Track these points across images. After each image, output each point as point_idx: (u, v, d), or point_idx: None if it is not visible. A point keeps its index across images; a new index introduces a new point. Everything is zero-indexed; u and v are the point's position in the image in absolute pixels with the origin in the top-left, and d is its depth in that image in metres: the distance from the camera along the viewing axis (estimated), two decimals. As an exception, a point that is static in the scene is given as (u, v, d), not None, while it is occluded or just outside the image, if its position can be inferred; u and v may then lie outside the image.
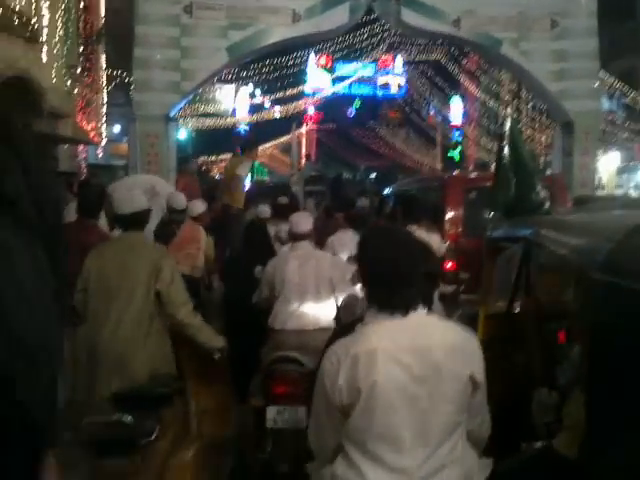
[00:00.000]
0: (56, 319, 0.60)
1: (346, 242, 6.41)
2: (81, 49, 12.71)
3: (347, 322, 4.46)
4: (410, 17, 13.88)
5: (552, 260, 3.09)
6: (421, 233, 5.09)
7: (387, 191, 10.97)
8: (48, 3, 10.02)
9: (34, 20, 9.29)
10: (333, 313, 4.75)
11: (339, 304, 4.72)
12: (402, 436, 1.97)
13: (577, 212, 5.20)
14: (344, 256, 6.06)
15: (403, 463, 1.97)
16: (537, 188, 4.22)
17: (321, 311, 4.77)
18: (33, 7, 9.36)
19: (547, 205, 4.31)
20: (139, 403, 3.26)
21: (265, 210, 7.75)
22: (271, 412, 4.06)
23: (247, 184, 10.82)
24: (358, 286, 4.83)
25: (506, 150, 4.30)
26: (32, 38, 9.39)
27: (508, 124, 4.37)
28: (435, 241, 5.72)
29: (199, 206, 6.97)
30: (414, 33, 15.72)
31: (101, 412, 3.28)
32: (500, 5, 13.96)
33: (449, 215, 7.92)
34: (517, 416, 3.01)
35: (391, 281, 2.04)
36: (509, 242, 3.88)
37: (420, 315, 2.07)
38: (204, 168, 28.99)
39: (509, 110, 4.11)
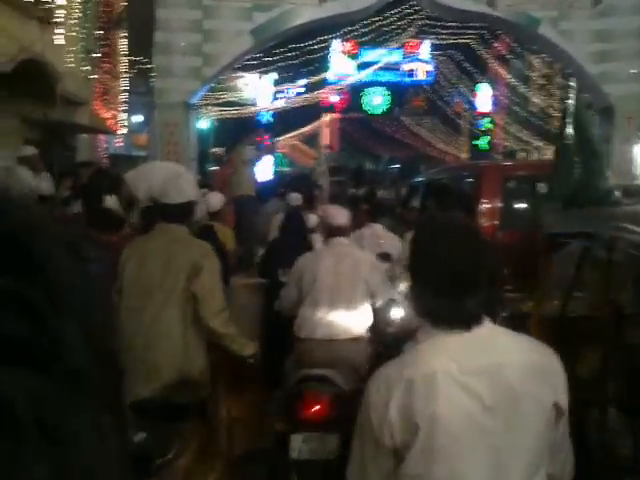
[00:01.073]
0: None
1: (374, 237, 5.88)
2: (100, 33, 12.25)
3: (390, 338, 4.21)
4: (442, -5, 13.24)
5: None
6: None
7: (415, 180, 10.57)
8: (64, -18, 9.54)
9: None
10: (368, 322, 4.24)
11: (376, 311, 4.26)
12: None
13: None
14: (372, 254, 5.35)
15: None
16: (605, 175, 3.61)
17: (355, 319, 4.21)
18: (47, -15, 8.89)
19: (615, 195, 3.71)
20: (159, 414, 2.95)
21: (297, 197, 7.33)
22: (296, 440, 3.49)
23: (256, 171, 10.21)
24: (397, 290, 4.51)
25: (569, 130, 3.68)
26: (46, 18, 8.92)
27: (572, 100, 3.74)
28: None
29: (217, 200, 6.32)
30: (446, 13, 15.06)
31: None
32: (538, -18, 13.24)
33: (485, 206, 7.39)
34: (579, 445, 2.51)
35: (451, 287, 1.64)
36: (570, 237, 3.30)
37: (487, 328, 1.67)
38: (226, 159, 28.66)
39: (573, 84, 3.50)
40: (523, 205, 7.60)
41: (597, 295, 3.42)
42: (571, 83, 3.67)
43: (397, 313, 4.44)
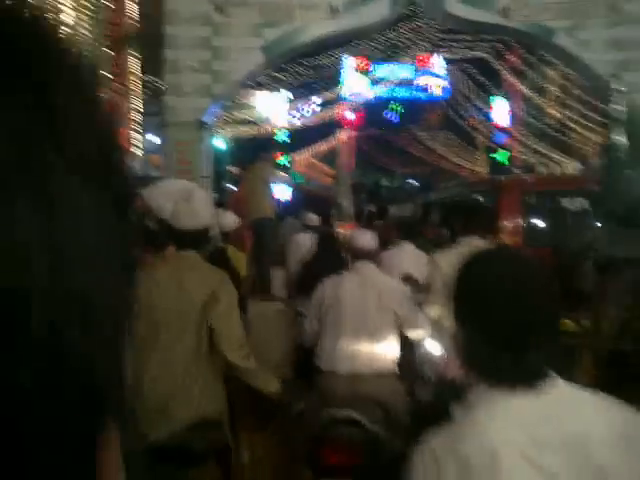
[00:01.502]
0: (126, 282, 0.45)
1: (402, 259, 5.50)
2: (108, 52, 12.20)
3: (425, 376, 3.97)
4: (454, 7, 13.09)
5: None
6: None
7: (433, 197, 10.38)
8: (71, 0, 9.44)
9: (53, 17, 8.67)
10: (397, 356, 3.94)
11: (408, 345, 3.97)
12: None
13: None
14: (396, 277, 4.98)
15: None
16: None
17: (382, 351, 3.88)
18: (51, 2, 8.76)
19: None
20: (174, 461, 2.68)
21: (313, 218, 7.25)
22: None
23: (275, 191, 9.96)
24: (428, 322, 4.09)
25: (620, 138, 3.34)
26: (52, 37, 8.81)
27: (622, 103, 3.41)
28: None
29: (231, 220, 6.07)
30: (458, 25, 14.88)
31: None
32: (553, -9, 13.02)
33: (506, 223, 7.10)
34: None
35: (514, 339, 1.30)
36: (628, 262, 2.95)
37: (560, 389, 1.31)
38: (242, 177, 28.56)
39: (621, 87, 3.11)
40: (546, 221, 7.37)
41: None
42: (621, 88, 3.27)
43: (433, 349, 4.10)
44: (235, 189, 24.19)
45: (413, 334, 3.97)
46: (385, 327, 3.88)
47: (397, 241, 6.00)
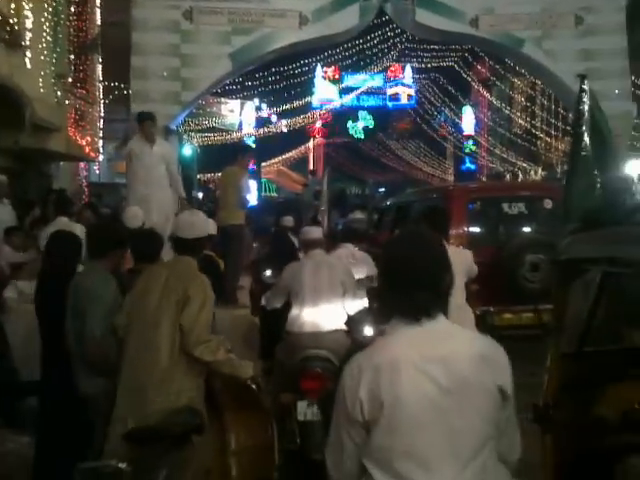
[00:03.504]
0: None
1: (348, 257, 6.28)
2: (72, 58, 11.90)
3: (364, 333, 5.10)
4: (425, 17, 13.12)
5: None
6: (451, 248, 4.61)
7: (385, 205, 10.85)
8: (31, 5, 9.16)
9: (14, 21, 8.47)
10: (344, 315, 5.09)
11: (350, 314, 5.07)
12: (430, 453, 1.82)
13: None
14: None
15: None
16: (632, 187, 3.20)
17: (334, 314, 5.09)
18: (12, 6, 8.49)
19: None
20: (152, 443, 2.99)
21: (290, 219, 8.21)
22: (302, 406, 4.40)
23: (249, 199, 9.86)
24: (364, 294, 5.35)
25: (585, 138, 3.24)
26: (13, 41, 8.56)
27: (586, 101, 3.31)
28: (469, 257, 5.07)
29: (212, 227, 5.89)
30: (428, 34, 14.93)
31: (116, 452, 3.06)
32: (521, 2, 13.17)
33: (452, 228, 7.48)
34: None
35: (411, 285, 1.89)
36: (590, 263, 2.89)
37: (442, 323, 1.92)
38: (210, 185, 28.43)
39: (585, 85, 3.05)
40: (489, 224, 7.92)
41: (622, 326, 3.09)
42: (584, 87, 3.19)
43: (369, 319, 5.25)
44: (200, 196, 24.13)
45: (352, 298, 5.12)
46: (335, 297, 5.10)
47: (342, 244, 6.83)
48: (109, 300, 3.68)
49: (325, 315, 5.02)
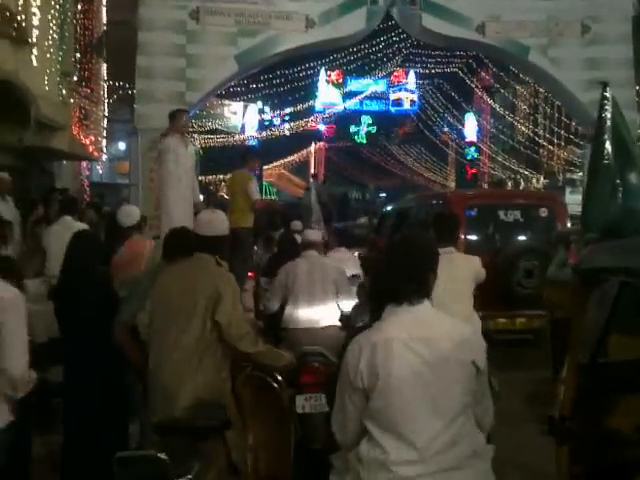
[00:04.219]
0: None
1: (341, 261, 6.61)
2: (78, 56, 11.86)
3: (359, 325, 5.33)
4: (431, 22, 13.08)
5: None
6: (460, 255, 4.96)
7: (387, 209, 10.85)
8: (39, 2, 9.12)
9: (21, 17, 8.44)
10: (337, 313, 5.44)
11: (345, 309, 5.40)
12: (417, 414, 2.20)
13: None
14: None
15: (419, 439, 2.19)
16: None
17: (327, 311, 5.44)
18: (20, 3, 8.45)
19: None
20: (181, 436, 3.13)
21: (298, 224, 8.55)
22: (300, 400, 4.60)
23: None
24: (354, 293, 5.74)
25: (607, 146, 3.19)
26: (19, 38, 8.52)
27: (608, 109, 3.26)
28: (477, 263, 4.96)
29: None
30: (434, 40, 14.89)
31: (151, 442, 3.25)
32: (528, 10, 13.10)
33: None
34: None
35: (401, 277, 2.30)
36: (608, 273, 2.85)
37: (428, 310, 2.33)
38: (212, 187, 28.39)
39: (608, 93, 3.02)
40: (485, 231, 8.10)
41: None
42: (606, 94, 3.14)
43: (361, 312, 5.37)
44: (202, 198, 24.04)
45: (345, 296, 5.47)
46: (328, 295, 5.47)
47: (337, 247, 7.48)
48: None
49: (319, 312, 5.43)
